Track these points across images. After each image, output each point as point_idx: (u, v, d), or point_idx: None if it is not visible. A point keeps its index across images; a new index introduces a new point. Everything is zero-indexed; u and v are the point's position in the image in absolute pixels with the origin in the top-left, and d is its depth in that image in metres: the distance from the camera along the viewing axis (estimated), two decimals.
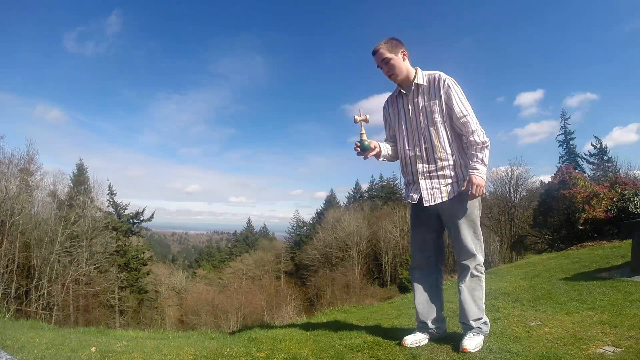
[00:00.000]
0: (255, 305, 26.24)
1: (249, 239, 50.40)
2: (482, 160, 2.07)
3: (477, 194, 2.06)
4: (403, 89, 2.25)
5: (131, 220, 27.87)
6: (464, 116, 2.10)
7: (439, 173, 2.15)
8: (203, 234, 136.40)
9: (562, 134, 29.79)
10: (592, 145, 28.61)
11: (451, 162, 2.14)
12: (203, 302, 27.52)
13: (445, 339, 2.26)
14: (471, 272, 2.16)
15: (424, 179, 2.18)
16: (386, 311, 4.16)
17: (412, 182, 2.27)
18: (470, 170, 2.08)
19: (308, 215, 55.76)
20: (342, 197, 46.75)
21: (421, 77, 2.19)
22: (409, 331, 2.37)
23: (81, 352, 2.21)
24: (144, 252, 27.36)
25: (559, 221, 13.47)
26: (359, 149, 2.18)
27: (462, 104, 2.11)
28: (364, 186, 45.04)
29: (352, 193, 45.12)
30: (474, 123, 2.09)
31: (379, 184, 43.42)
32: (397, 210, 32.88)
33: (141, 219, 28.37)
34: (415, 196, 2.22)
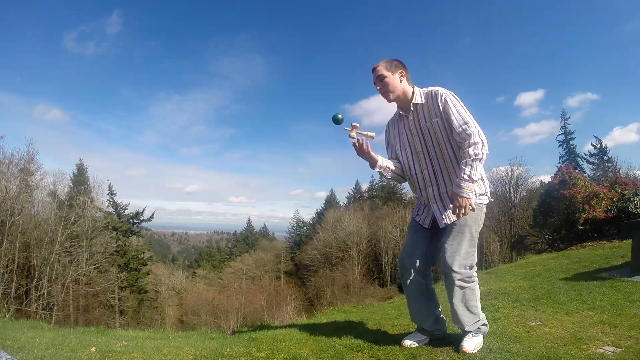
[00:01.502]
0: (255, 305, 26.22)
1: (249, 239, 50.39)
2: (468, 177, 1.92)
3: (461, 215, 1.95)
4: (402, 111, 2.20)
5: (131, 220, 27.87)
6: (463, 124, 1.96)
7: (449, 193, 2.07)
8: (203, 234, 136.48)
9: (562, 134, 29.81)
10: (592, 145, 28.63)
11: None
12: (203, 302, 27.50)
13: (446, 340, 2.25)
14: (460, 285, 2.03)
15: (436, 202, 2.13)
16: (386, 311, 4.15)
17: (424, 205, 2.22)
18: (454, 189, 1.97)
19: (308, 215, 55.86)
20: (342, 197, 46.79)
21: (419, 95, 2.13)
22: (409, 331, 2.37)
23: (81, 352, 2.21)
24: (144, 252, 27.36)
25: (559, 221, 13.47)
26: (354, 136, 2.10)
27: (459, 115, 1.99)
28: (364, 186, 45.06)
29: (352, 193, 45.14)
30: (475, 135, 1.94)
31: (379, 184, 43.38)
32: (397, 210, 32.88)
33: (141, 219, 28.40)
34: (428, 220, 2.18)
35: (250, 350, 2.20)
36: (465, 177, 1.93)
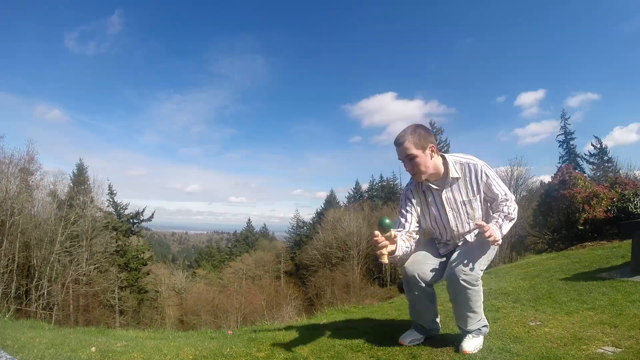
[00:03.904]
0: (255, 305, 26.22)
1: (249, 239, 50.39)
2: (499, 224, 1.97)
3: (486, 236, 1.85)
4: (432, 183, 2.09)
5: (131, 220, 27.88)
6: (504, 195, 2.05)
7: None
8: (203, 234, 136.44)
9: (562, 134, 29.87)
10: (593, 145, 28.67)
11: None
12: (203, 302, 27.51)
13: (446, 339, 2.25)
14: (467, 287, 1.98)
15: (458, 243, 2.21)
16: (386, 311, 4.15)
17: (446, 243, 2.26)
18: (490, 224, 1.95)
19: (308, 215, 55.67)
20: (342, 197, 46.68)
21: (454, 169, 2.03)
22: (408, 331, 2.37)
23: (81, 352, 2.21)
24: (144, 252, 27.37)
25: (559, 221, 13.46)
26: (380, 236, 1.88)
27: (500, 187, 2.06)
28: (364, 186, 45.03)
29: (352, 193, 45.09)
30: (512, 201, 2.05)
31: (379, 184, 43.40)
32: (397, 210, 32.82)
33: (141, 218, 28.41)
34: (443, 250, 2.24)
35: (250, 350, 2.20)
36: (498, 221, 1.97)
